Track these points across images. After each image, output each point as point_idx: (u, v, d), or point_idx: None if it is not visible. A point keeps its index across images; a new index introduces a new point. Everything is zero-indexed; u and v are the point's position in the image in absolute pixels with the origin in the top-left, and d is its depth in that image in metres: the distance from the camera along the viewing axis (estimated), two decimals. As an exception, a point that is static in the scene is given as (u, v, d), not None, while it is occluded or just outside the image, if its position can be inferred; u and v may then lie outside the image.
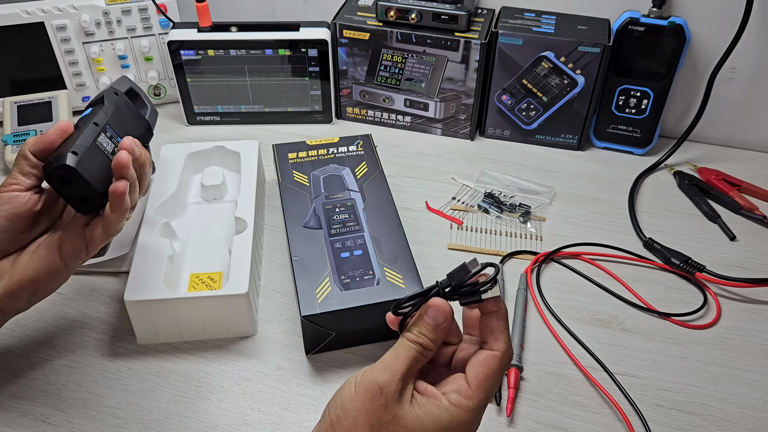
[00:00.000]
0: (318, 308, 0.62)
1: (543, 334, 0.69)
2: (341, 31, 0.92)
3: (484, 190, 0.86)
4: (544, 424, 0.61)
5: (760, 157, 0.95)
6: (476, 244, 0.80)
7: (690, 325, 0.70)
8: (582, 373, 0.65)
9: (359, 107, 1.00)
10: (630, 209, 0.85)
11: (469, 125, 0.96)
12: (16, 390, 0.63)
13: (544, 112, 0.92)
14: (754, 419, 0.62)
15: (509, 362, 0.45)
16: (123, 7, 0.94)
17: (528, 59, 0.88)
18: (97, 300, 0.72)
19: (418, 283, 0.64)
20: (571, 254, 0.78)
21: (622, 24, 0.86)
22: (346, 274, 0.65)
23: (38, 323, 0.69)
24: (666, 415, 0.62)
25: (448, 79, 0.92)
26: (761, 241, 0.81)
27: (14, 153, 0.89)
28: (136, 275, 0.65)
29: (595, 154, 0.96)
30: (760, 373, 0.66)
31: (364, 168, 0.78)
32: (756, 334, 0.70)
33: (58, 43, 0.94)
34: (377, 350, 0.67)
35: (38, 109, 0.93)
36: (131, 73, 0.99)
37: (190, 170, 0.81)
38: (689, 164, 0.93)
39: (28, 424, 0.61)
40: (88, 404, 0.62)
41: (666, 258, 0.77)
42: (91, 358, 0.66)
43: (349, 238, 0.69)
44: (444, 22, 0.88)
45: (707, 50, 0.89)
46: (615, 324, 0.71)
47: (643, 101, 0.90)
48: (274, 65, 0.93)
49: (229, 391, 0.64)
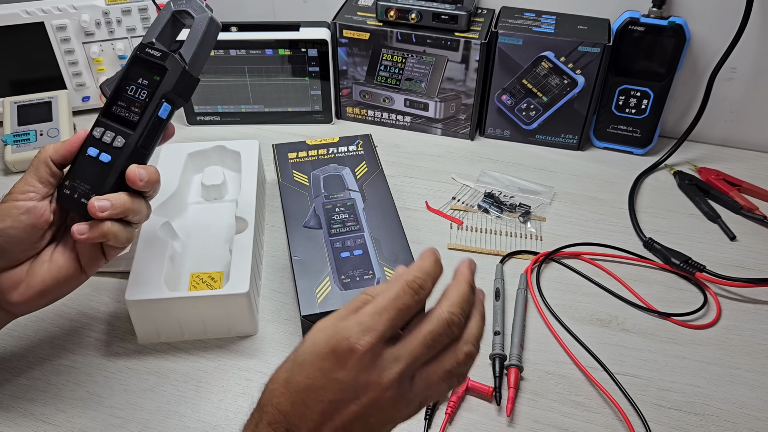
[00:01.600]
0: (318, 308, 0.62)
1: (543, 334, 0.70)
2: (341, 31, 0.92)
3: (484, 190, 0.86)
4: (544, 424, 0.61)
5: (760, 157, 0.95)
6: (476, 244, 0.80)
7: (690, 325, 0.70)
8: (582, 373, 0.65)
9: (359, 107, 1.00)
10: (630, 209, 0.85)
11: (469, 125, 0.96)
12: (16, 390, 0.63)
13: (544, 112, 0.93)
14: (754, 419, 0.62)
15: (442, 323, 0.41)
16: (123, 7, 0.94)
17: (528, 59, 0.88)
18: (97, 300, 0.72)
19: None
20: (571, 254, 0.78)
21: (622, 24, 0.86)
22: (346, 273, 0.65)
23: (38, 323, 0.69)
24: (666, 415, 0.62)
25: (448, 79, 0.92)
26: (761, 241, 0.81)
27: (14, 153, 0.89)
28: (137, 275, 0.65)
29: (595, 154, 0.96)
30: (760, 373, 0.66)
31: (364, 168, 0.78)
32: (756, 334, 0.70)
33: (58, 43, 0.94)
34: (377, 350, 0.67)
35: (38, 109, 0.93)
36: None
37: (190, 170, 0.81)
38: (689, 164, 0.93)
39: (28, 424, 0.61)
40: (88, 404, 0.62)
41: (666, 258, 0.77)
42: (91, 358, 0.66)
43: (349, 238, 0.69)
44: (444, 22, 0.88)
45: (707, 50, 0.89)
46: (615, 324, 0.71)
47: (643, 101, 0.90)
48: (274, 65, 0.93)
49: (229, 391, 0.64)
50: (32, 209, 0.54)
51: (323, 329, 0.41)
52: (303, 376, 0.40)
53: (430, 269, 0.43)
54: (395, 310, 0.40)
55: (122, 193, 0.55)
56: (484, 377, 0.64)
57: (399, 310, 0.40)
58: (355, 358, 0.39)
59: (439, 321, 0.42)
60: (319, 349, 0.40)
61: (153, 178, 0.56)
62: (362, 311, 0.41)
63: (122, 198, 0.54)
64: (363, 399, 0.40)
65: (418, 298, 0.41)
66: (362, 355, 0.39)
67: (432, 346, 0.41)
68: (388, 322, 0.40)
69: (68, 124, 0.93)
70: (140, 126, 0.55)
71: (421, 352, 0.41)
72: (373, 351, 0.39)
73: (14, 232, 0.54)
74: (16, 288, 0.55)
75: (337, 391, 0.39)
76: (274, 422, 0.40)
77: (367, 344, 0.39)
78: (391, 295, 0.41)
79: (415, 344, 0.41)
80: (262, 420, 0.41)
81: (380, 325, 0.40)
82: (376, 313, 0.40)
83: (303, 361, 0.40)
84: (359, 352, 0.39)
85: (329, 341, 0.40)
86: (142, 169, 0.55)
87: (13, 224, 0.54)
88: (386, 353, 0.40)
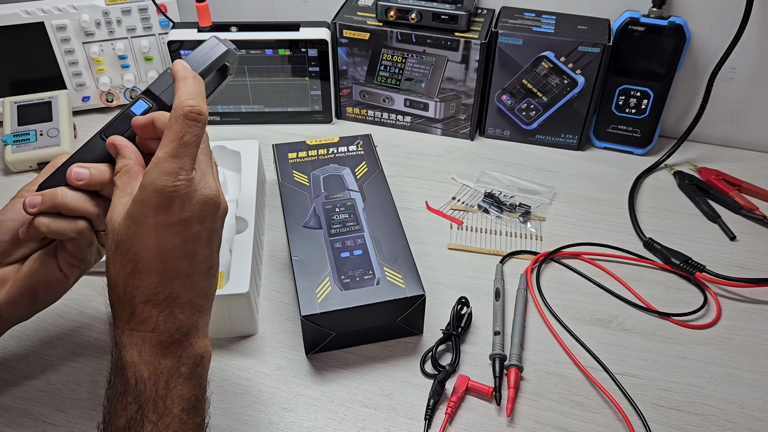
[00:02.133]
0: (318, 308, 0.62)
1: (543, 334, 0.70)
2: (341, 31, 0.92)
3: (484, 190, 0.86)
4: (544, 424, 0.61)
5: (760, 157, 0.95)
6: (476, 244, 0.80)
7: (690, 325, 0.70)
8: (582, 373, 0.65)
9: (359, 107, 1.00)
10: (630, 209, 0.85)
11: (469, 125, 0.96)
12: (16, 390, 0.63)
13: (544, 112, 0.93)
14: (754, 419, 0.62)
15: (186, 114, 0.47)
16: (123, 7, 0.94)
17: (528, 59, 0.88)
18: (97, 300, 0.72)
19: (418, 282, 0.64)
20: (571, 254, 0.78)
21: (622, 24, 0.86)
22: (346, 273, 0.65)
23: (38, 323, 0.69)
24: (666, 415, 0.62)
25: (448, 79, 0.92)
26: (761, 241, 0.81)
27: (14, 153, 0.89)
28: (136, 275, 0.65)
29: (595, 154, 0.96)
30: (760, 373, 0.66)
31: (364, 168, 0.78)
32: (756, 334, 0.70)
33: (58, 43, 0.94)
34: (377, 350, 0.67)
35: (38, 109, 0.93)
36: (131, 73, 0.99)
37: (190, 170, 0.81)
38: (689, 164, 0.93)
39: (28, 424, 0.61)
40: (89, 404, 0.62)
41: (666, 258, 0.77)
42: (91, 358, 0.66)
43: (349, 238, 0.69)
44: (444, 22, 0.88)
45: (707, 50, 0.89)
46: (615, 324, 0.71)
47: (643, 101, 0.90)
48: (274, 65, 0.93)
49: (229, 391, 0.64)
50: None
51: (139, 199, 0.46)
52: (151, 243, 0.45)
53: (196, 89, 0.49)
54: (188, 146, 0.46)
55: (65, 187, 0.52)
56: (484, 377, 0.64)
57: (190, 144, 0.47)
58: (176, 202, 0.45)
59: (184, 116, 0.47)
60: (143, 215, 0.45)
61: (98, 177, 0.52)
62: (161, 160, 0.46)
63: (61, 191, 0.52)
64: (204, 220, 0.47)
65: (202, 124, 0.48)
66: (183, 194, 0.45)
67: (193, 142, 0.47)
68: (189, 158, 0.46)
69: (68, 124, 0.93)
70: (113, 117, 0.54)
71: (193, 152, 0.47)
72: (188, 186, 0.46)
73: (13, 224, 0.54)
74: (3, 286, 0.55)
75: (184, 230, 0.46)
76: (150, 298, 0.46)
77: (182, 185, 0.45)
78: (177, 137, 0.46)
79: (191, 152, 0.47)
80: (135, 306, 0.46)
81: (185, 164, 0.46)
82: (173, 157, 0.45)
83: (138, 234, 0.45)
84: (181, 193, 0.45)
85: (150, 200, 0.45)
86: (83, 167, 0.52)
87: (14, 216, 0.54)
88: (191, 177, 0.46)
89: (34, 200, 0.52)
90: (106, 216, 0.48)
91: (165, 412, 0.46)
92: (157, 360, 0.46)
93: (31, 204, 0.52)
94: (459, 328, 0.67)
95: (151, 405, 0.45)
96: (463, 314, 0.69)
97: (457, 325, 0.67)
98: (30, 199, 0.52)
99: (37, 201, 0.52)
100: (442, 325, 0.68)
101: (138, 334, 0.46)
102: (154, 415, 0.45)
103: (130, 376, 0.46)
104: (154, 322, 0.46)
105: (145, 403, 0.45)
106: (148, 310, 0.46)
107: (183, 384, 0.47)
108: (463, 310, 0.69)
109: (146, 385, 0.45)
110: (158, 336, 0.46)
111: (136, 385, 0.45)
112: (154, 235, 0.45)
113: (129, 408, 0.45)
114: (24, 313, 0.57)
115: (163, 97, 0.54)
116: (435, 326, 0.69)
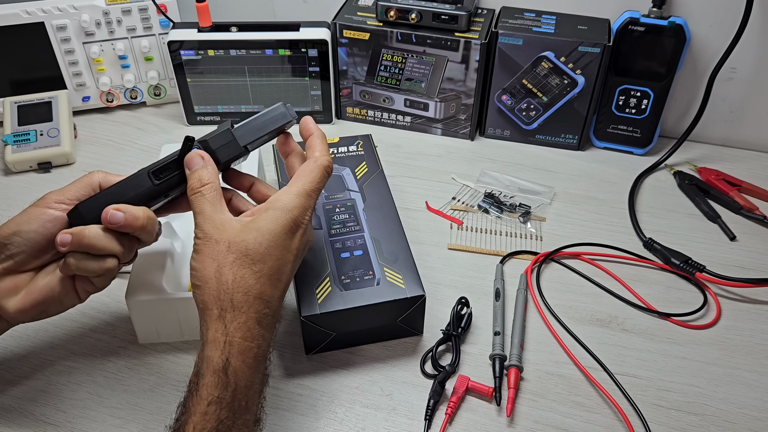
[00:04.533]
0: (318, 308, 0.62)
1: (543, 334, 0.70)
2: (341, 31, 0.92)
3: (484, 190, 0.87)
4: (544, 424, 0.61)
5: (760, 157, 0.95)
6: (476, 244, 0.80)
7: (690, 325, 0.70)
8: (582, 373, 0.65)
9: (359, 107, 1.00)
10: (630, 209, 0.85)
11: (469, 125, 0.96)
12: (16, 390, 0.63)
13: (544, 112, 0.93)
14: (754, 419, 0.62)
15: (326, 168, 0.57)
16: (123, 7, 0.94)
17: (528, 59, 0.88)
18: (97, 300, 0.72)
19: (418, 283, 0.65)
20: (571, 254, 0.78)
21: (622, 24, 0.86)
22: (346, 274, 0.65)
23: (38, 323, 0.69)
24: (666, 415, 0.62)
25: (448, 79, 0.92)
26: (761, 241, 0.81)
27: (14, 153, 0.89)
28: (138, 275, 0.65)
29: (595, 154, 0.96)
30: (760, 373, 0.66)
31: (364, 168, 0.78)
32: (756, 334, 0.70)
33: (58, 43, 0.94)
34: (377, 350, 0.67)
35: (38, 109, 0.93)
36: (131, 73, 0.99)
37: (190, 170, 0.81)
38: (689, 164, 0.93)
39: (28, 424, 0.61)
40: (89, 404, 0.62)
41: (666, 258, 0.77)
42: (92, 359, 0.66)
43: (349, 239, 0.69)
44: (444, 22, 0.88)
45: (707, 50, 0.89)
46: (615, 324, 0.71)
47: (643, 101, 0.90)
48: (274, 65, 0.93)
49: (230, 391, 0.63)
50: (59, 219, 0.56)
51: (275, 218, 0.53)
52: (273, 259, 0.52)
53: (327, 146, 0.59)
54: (317, 193, 0.56)
55: (95, 225, 0.54)
56: (484, 377, 0.64)
57: (318, 192, 0.56)
58: (300, 230, 0.55)
59: (325, 169, 0.57)
60: (277, 233, 0.52)
61: (132, 223, 0.54)
62: (297, 194, 0.55)
63: (90, 230, 0.54)
64: (299, 256, 0.57)
65: (329, 175, 0.58)
66: (306, 226, 0.55)
67: (320, 191, 0.57)
68: (314, 202, 0.56)
69: (68, 124, 0.93)
70: (161, 160, 0.58)
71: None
72: (309, 223, 0.56)
73: (36, 236, 0.55)
74: (15, 294, 0.56)
75: (296, 259, 0.55)
76: (260, 310, 0.51)
77: (307, 220, 0.55)
78: (314, 181, 0.56)
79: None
80: (249, 312, 0.50)
81: (311, 205, 0.56)
82: (307, 197, 0.55)
83: (265, 252, 0.52)
84: (304, 225, 0.55)
85: (284, 224, 0.53)
86: (119, 210, 0.54)
87: (38, 229, 0.55)
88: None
89: (65, 239, 0.54)
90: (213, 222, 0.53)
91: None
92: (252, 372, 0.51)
93: (62, 243, 0.54)
94: (459, 329, 0.67)
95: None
96: (463, 314, 0.69)
97: (457, 325, 0.67)
98: (60, 237, 0.54)
99: (67, 240, 0.54)
100: (442, 325, 0.68)
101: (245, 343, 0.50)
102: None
103: (231, 381, 0.49)
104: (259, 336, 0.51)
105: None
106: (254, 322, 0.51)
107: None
108: (463, 311, 0.69)
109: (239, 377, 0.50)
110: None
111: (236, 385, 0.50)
112: (279, 253, 0.53)
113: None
114: (31, 320, 0.58)
115: (219, 152, 0.58)
116: (435, 326, 0.69)
